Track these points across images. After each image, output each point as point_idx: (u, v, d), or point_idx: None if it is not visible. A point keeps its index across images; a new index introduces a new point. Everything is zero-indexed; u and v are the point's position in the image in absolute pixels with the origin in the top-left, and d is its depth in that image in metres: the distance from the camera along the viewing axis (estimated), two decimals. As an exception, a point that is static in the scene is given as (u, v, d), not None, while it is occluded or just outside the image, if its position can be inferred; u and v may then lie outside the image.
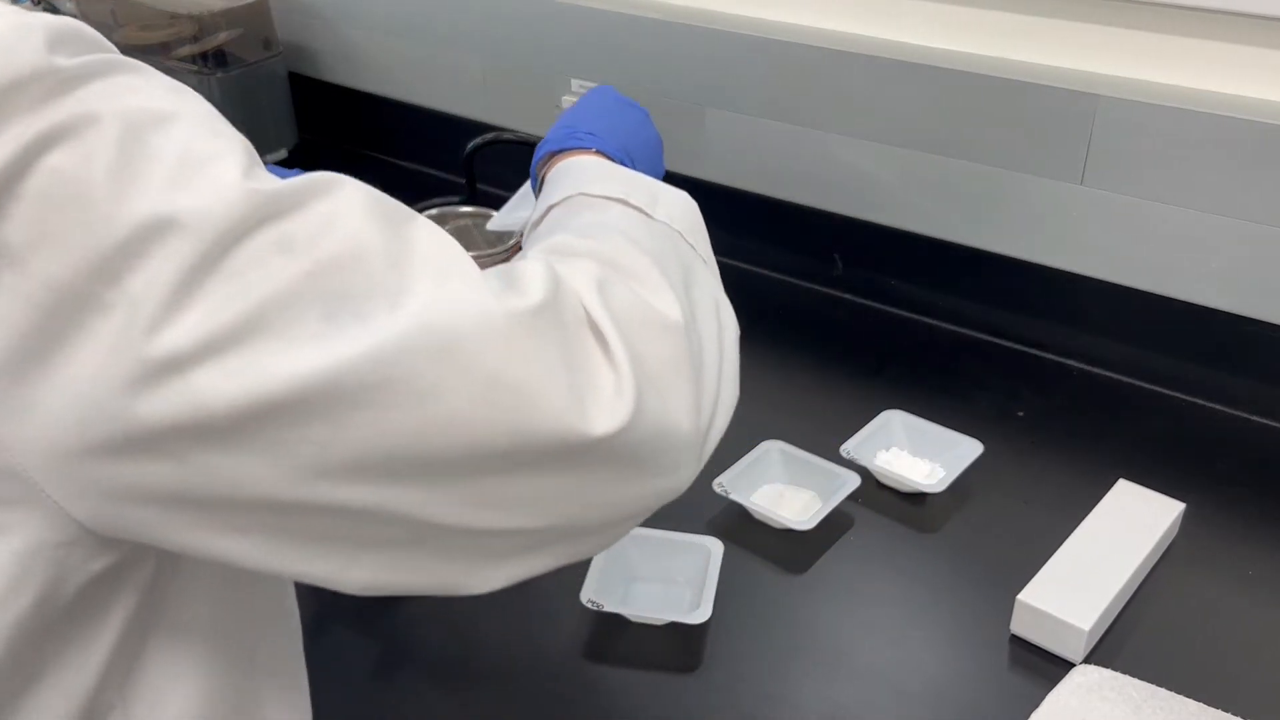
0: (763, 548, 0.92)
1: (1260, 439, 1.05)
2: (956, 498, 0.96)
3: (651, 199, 0.64)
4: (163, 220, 0.42)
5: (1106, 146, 1.05)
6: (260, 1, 1.53)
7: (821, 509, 0.92)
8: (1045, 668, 0.81)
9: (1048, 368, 1.16)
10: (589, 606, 0.81)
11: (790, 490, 0.97)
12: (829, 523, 0.91)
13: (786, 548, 0.92)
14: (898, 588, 0.89)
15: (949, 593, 0.88)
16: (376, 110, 1.61)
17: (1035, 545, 0.88)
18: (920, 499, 0.97)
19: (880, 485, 0.99)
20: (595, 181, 0.66)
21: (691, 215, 0.65)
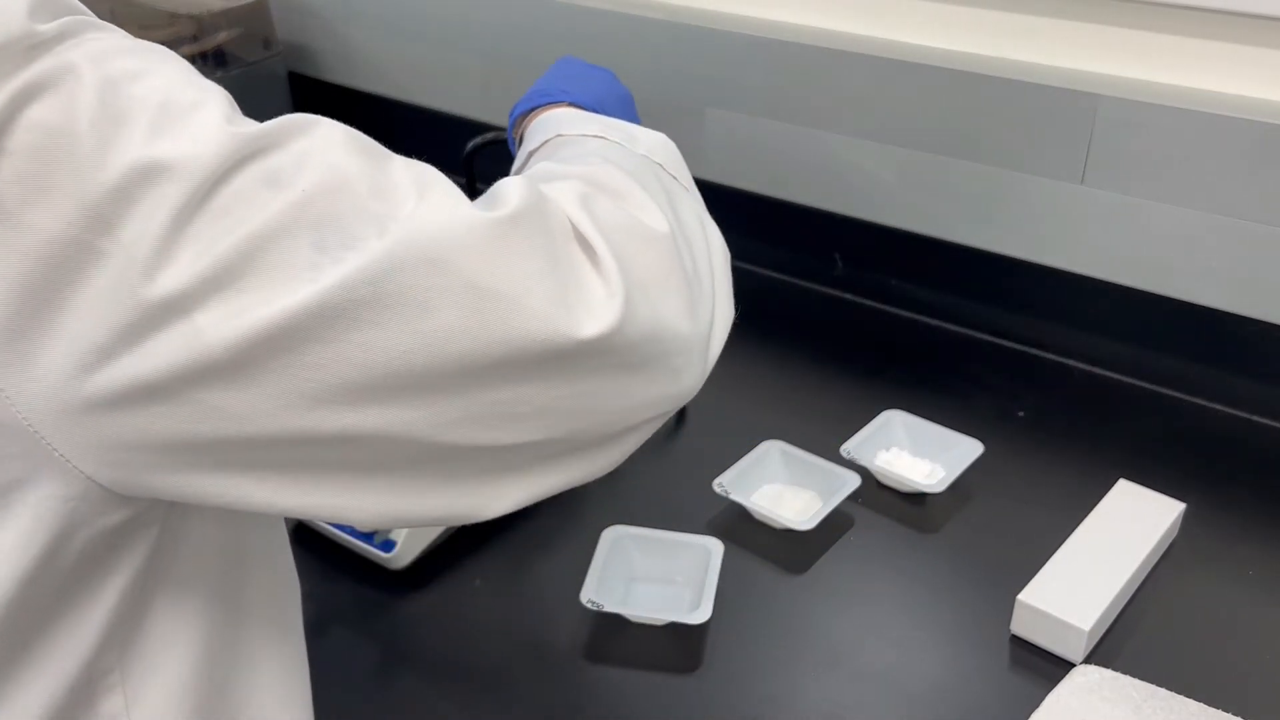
0: (763, 548, 0.92)
1: (1260, 439, 1.05)
2: (957, 498, 0.96)
3: (630, 138, 0.65)
4: (150, 166, 0.42)
5: (1107, 146, 1.05)
6: (260, 1, 1.53)
7: (821, 509, 0.92)
8: (1045, 668, 0.81)
9: (1048, 368, 1.16)
10: (589, 607, 0.81)
11: (790, 490, 0.97)
12: (829, 523, 0.91)
13: (786, 548, 0.92)
14: (898, 588, 0.89)
15: (949, 593, 0.88)
16: (376, 110, 1.61)
17: (1035, 545, 0.88)
18: (920, 499, 0.97)
19: (880, 485, 0.98)
20: (573, 124, 0.67)
21: (670, 151, 0.65)
